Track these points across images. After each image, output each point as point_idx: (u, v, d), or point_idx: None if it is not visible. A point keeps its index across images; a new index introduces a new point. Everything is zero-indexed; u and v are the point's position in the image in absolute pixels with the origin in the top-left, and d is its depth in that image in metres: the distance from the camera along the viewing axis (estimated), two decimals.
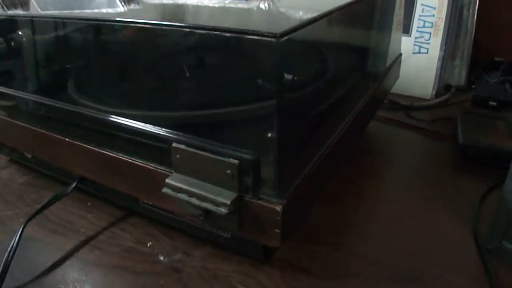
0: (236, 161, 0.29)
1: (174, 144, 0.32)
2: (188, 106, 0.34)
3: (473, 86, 0.75)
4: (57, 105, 0.39)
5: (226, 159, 0.29)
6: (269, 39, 0.25)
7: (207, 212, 0.31)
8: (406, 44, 0.72)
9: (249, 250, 0.37)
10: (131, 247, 0.41)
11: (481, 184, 0.49)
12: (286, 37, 0.26)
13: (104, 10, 0.71)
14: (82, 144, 0.38)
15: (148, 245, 0.41)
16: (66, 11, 0.53)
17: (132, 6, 0.72)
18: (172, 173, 0.33)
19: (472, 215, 0.44)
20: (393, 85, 0.62)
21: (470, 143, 0.54)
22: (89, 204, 0.47)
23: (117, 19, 0.35)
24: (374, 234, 0.42)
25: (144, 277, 0.37)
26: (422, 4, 0.71)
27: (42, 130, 0.41)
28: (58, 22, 0.41)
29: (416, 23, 0.72)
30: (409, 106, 0.68)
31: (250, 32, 0.26)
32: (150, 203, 0.39)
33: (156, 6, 0.60)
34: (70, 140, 0.39)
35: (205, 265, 0.38)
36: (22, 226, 0.40)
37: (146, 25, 0.32)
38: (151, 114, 0.35)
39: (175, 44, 0.31)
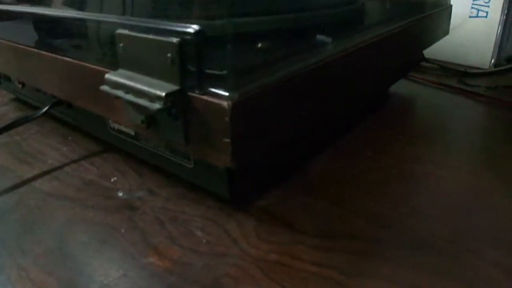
0: (176, 40, 0.20)
1: (118, 31, 0.23)
2: None
3: None
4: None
5: (166, 39, 0.21)
6: None
7: (148, 117, 0.23)
8: (461, 6, 0.59)
9: (214, 186, 0.27)
10: (91, 180, 0.33)
11: None
12: None
13: None
14: (37, 51, 0.31)
15: (112, 180, 0.33)
16: None
17: None
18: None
19: None
20: (436, 39, 0.50)
21: None
22: (69, 138, 0.40)
23: None
24: (392, 193, 0.31)
25: (92, 211, 0.29)
26: None
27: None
28: None
29: None
30: (463, 72, 0.55)
31: None
32: (103, 115, 0.31)
33: None
34: (23, 47, 0.32)
35: (166, 206, 0.30)
36: None
37: None
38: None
39: None
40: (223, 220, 0.28)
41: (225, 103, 0.20)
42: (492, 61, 0.58)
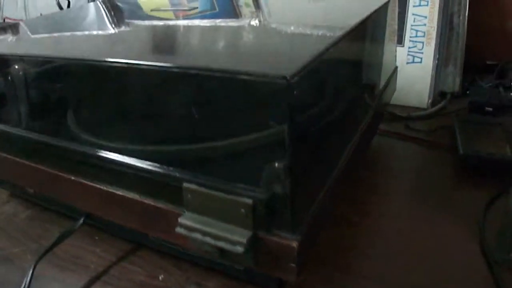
0: (250, 200, 0.29)
1: (185, 184, 0.32)
2: (189, 140, 0.33)
3: (467, 92, 0.75)
4: (61, 144, 0.38)
5: (240, 199, 0.29)
6: (279, 81, 0.25)
7: (222, 250, 0.31)
8: (399, 54, 0.72)
9: (263, 281, 0.37)
10: (143, 281, 0.41)
11: (484, 194, 0.49)
12: (296, 78, 0.26)
13: (95, 32, 0.71)
14: (89, 183, 0.38)
15: (160, 278, 0.41)
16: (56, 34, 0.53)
17: (123, 28, 0.72)
18: (183, 211, 0.33)
19: (478, 226, 0.44)
20: (391, 98, 0.62)
21: (470, 153, 0.54)
22: (96, 238, 0.47)
23: (106, 59, 0.34)
24: (379, 252, 0.42)
25: None
26: (413, 14, 0.72)
27: (46, 168, 0.41)
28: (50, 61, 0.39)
29: (408, 33, 0.72)
30: (406, 117, 0.69)
31: (257, 74, 0.26)
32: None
33: (146, 28, 0.60)
34: (76, 179, 0.39)
35: None
36: (32, 267, 0.39)
37: (140, 66, 0.31)
38: (154, 149, 0.35)
39: (171, 81, 0.31)
40: None
41: (293, 244, 0.29)
42: (430, 101, 0.72)
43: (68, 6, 0.85)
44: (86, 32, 0.54)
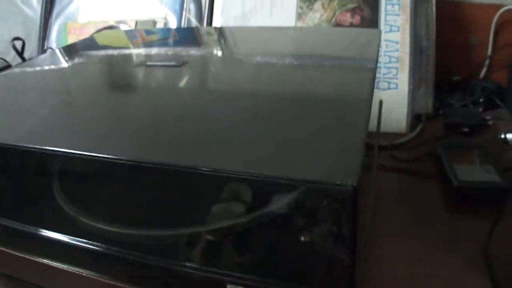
0: None
1: (229, 286, 0.30)
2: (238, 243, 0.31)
3: (440, 112, 0.78)
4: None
5: None
6: (345, 188, 0.24)
7: None
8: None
9: None
10: None
11: (481, 221, 0.49)
12: (358, 181, 0.25)
13: (46, 67, 0.67)
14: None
15: None
16: None
17: (76, 60, 0.68)
18: None
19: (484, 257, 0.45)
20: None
21: (465, 185, 0.55)
22: None
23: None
24: None
25: None
26: (385, 40, 0.73)
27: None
28: None
29: (383, 59, 0.73)
30: (387, 146, 0.70)
31: (322, 182, 0.25)
32: None
33: (101, 63, 0.58)
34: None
35: None
36: None
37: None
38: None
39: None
40: None
41: None
42: (408, 125, 0.74)
43: (23, 47, 0.79)
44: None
